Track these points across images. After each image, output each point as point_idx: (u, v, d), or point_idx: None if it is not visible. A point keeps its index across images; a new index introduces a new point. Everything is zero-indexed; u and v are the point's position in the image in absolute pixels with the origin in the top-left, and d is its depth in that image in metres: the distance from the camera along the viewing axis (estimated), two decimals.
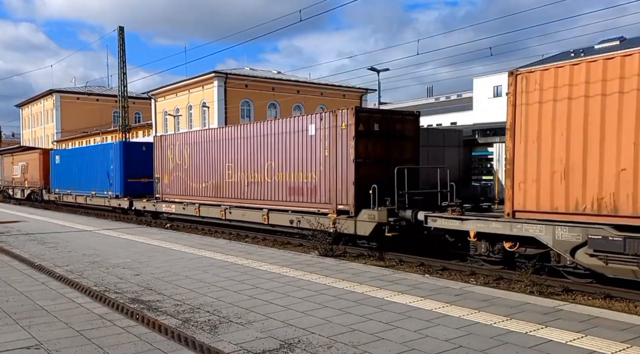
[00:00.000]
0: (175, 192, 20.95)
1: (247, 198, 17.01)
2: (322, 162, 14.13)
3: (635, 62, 8.29)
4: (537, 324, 5.72)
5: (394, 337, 5.33)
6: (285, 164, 15.42)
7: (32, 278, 8.52)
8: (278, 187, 15.73)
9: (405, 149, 14.09)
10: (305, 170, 14.71)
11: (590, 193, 8.78)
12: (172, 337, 5.35)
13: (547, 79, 9.42)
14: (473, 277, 10.56)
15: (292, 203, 15.20)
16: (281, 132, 15.67)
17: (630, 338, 5.28)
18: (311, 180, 14.50)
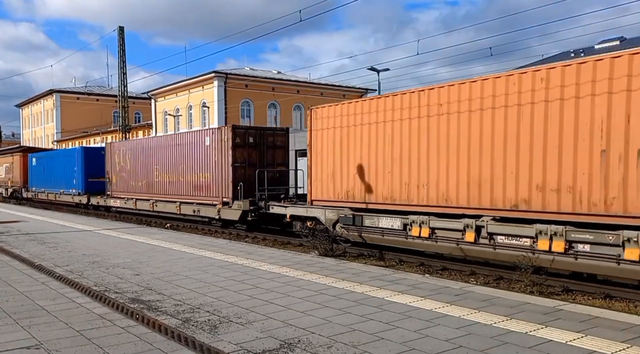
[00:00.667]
0: (120, 190, 25.17)
1: (168, 193, 21.46)
2: (213, 166, 18.55)
3: (369, 103, 13.07)
4: (537, 324, 5.72)
5: (394, 337, 5.34)
6: (191, 167, 19.85)
7: (32, 278, 8.52)
8: (186, 185, 20.19)
9: (277, 156, 18.72)
10: (203, 171, 19.15)
11: (343, 188, 13.80)
12: (172, 337, 5.35)
13: (323, 115, 14.38)
14: (473, 277, 10.57)
15: (195, 197, 19.67)
16: (189, 142, 20.09)
17: (630, 338, 5.28)
18: (206, 180, 18.95)
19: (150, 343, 5.19)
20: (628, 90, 8.35)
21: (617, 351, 4.91)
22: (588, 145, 8.86)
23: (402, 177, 12.12)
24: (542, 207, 9.48)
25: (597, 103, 8.71)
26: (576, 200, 9.02)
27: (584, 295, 9.04)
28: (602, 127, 8.69)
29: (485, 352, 4.91)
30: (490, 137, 10.28)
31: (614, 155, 8.56)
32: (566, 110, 9.11)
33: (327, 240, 12.34)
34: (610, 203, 8.59)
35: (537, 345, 5.06)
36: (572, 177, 9.07)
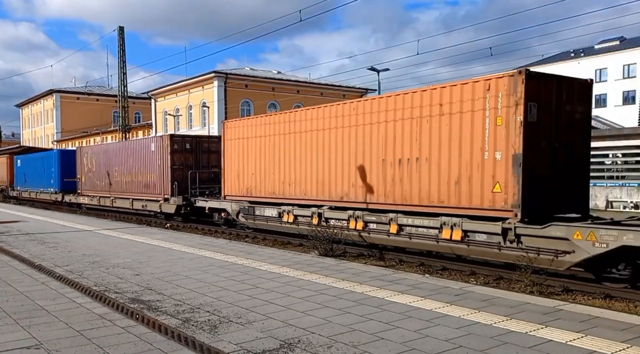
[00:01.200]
0: (88, 188, 28.58)
1: (124, 192, 24.81)
2: (157, 168, 21.99)
3: (259, 120, 17.13)
4: (537, 324, 5.72)
5: (394, 337, 5.34)
6: (140, 169, 23.26)
7: (32, 278, 8.52)
8: (137, 184, 23.52)
9: (212, 159, 21.85)
10: (150, 173, 22.54)
11: (244, 186, 17.49)
12: (172, 337, 5.35)
13: (231, 127, 18.20)
14: (473, 277, 10.57)
15: (144, 195, 23.12)
16: (139, 148, 23.69)
17: (630, 338, 5.28)
18: (152, 180, 22.38)
19: (150, 343, 5.19)
20: (394, 120, 12.41)
21: (617, 351, 4.91)
22: (376, 157, 12.85)
23: (280, 177, 16.06)
24: (355, 199, 13.52)
25: (380, 128, 12.75)
26: (372, 194, 13.06)
27: (584, 294, 9.04)
28: (384, 145, 12.66)
29: (485, 352, 4.91)
30: (328, 150, 14.31)
31: (390, 162, 12.52)
32: (365, 133, 13.16)
33: (327, 240, 12.35)
34: (387, 195, 12.62)
35: (537, 345, 5.06)
36: (370, 177, 13.06)
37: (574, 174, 10.79)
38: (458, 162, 10.99)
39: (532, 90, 9.96)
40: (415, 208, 11.93)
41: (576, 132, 10.85)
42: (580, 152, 11.01)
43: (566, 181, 10.63)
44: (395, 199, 12.38)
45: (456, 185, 11.03)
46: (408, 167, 12.08)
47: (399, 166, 12.29)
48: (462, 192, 10.94)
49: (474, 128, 10.66)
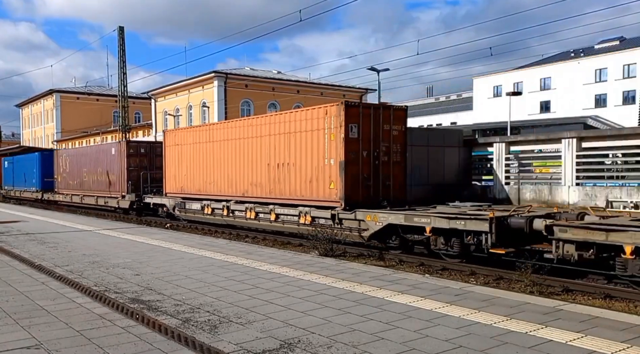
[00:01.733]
0: (63, 187, 32.03)
1: (91, 190, 28.32)
2: (117, 169, 25.61)
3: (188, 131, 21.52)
4: (537, 324, 5.72)
5: (394, 337, 5.34)
6: (104, 170, 26.74)
7: (32, 278, 8.52)
8: (101, 183, 27.08)
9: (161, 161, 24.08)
10: (111, 174, 26.20)
11: (179, 185, 20.94)
12: (172, 337, 5.35)
13: (170, 135, 21.98)
14: (473, 277, 10.57)
15: (106, 192, 26.59)
16: (103, 151, 27.45)
17: (630, 338, 5.28)
18: (113, 179, 25.88)
19: (150, 343, 5.19)
20: (275, 134, 16.11)
21: (617, 351, 4.91)
22: (265, 162, 16.56)
23: (203, 178, 19.64)
24: (252, 194, 17.23)
25: (266, 140, 16.49)
26: (262, 190, 16.75)
27: (584, 295, 9.05)
28: (269, 153, 16.36)
29: (485, 352, 4.91)
30: (234, 156, 17.98)
31: (272, 166, 16.25)
32: (257, 143, 16.88)
33: (326, 240, 12.36)
34: (271, 191, 16.34)
35: (537, 345, 5.06)
36: (261, 177, 16.78)
37: (392, 174, 14.60)
38: (311, 166, 14.75)
39: (351, 115, 13.76)
40: (287, 201, 15.74)
41: (395, 143, 14.60)
42: (398, 159, 14.74)
43: (385, 179, 14.46)
44: (275, 194, 16.24)
45: (310, 183, 14.84)
46: (283, 169, 15.83)
47: (278, 169, 16.02)
48: (313, 188, 14.74)
49: (319, 142, 14.44)
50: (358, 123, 13.86)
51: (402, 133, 14.82)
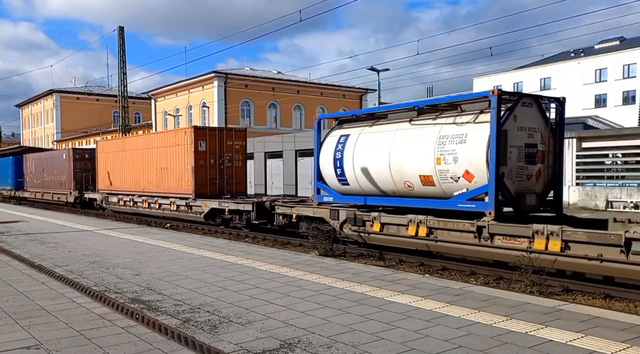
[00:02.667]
0: (30, 186, 37.75)
1: (50, 188, 33.54)
2: (66, 171, 31.03)
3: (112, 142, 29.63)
4: (537, 324, 5.72)
5: (394, 337, 5.34)
6: (58, 172, 31.80)
7: (32, 278, 8.52)
8: (56, 182, 32.00)
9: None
10: (62, 174, 31.45)
11: (106, 183, 26.99)
12: (172, 337, 5.35)
13: (100, 145, 28.77)
14: (473, 277, 10.57)
15: (60, 189, 31.83)
16: (57, 157, 32.81)
17: (630, 338, 5.28)
18: (64, 179, 31.16)
19: (150, 343, 5.19)
20: (160, 147, 22.34)
21: (617, 351, 4.91)
22: (155, 166, 22.56)
23: (120, 177, 25.73)
24: (147, 190, 23.14)
25: (155, 151, 22.49)
26: (153, 187, 22.69)
27: (584, 294, 9.05)
28: (157, 160, 22.35)
29: (485, 352, 4.91)
30: (139, 162, 23.83)
31: (158, 169, 22.28)
32: (150, 153, 22.83)
33: (327, 240, 12.36)
34: (158, 187, 22.39)
35: (537, 345, 5.06)
36: (153, 177, 22.67)
37: (235, 175, 21.14)
38: (178, 169, 21.05)
39: (200, 135, 20.32)
40: (166, 194, 22.00)
41: (237, 154, 21.13)
42: (240, 164, 21.28)
43: (229, 179, 20.88)
44: (160, 190, 22.40)
45: (178, 181, 21.09)
46: (164, 172, 21.97)
47: (161, 172, 22.15)
48: (179, 185, 20.95)
49: (182, 153, 20.71)
50: (205, 140, 20.39)
51: (243, 147, 21.40)
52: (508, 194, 10.63)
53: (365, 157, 13.25)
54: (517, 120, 10.78)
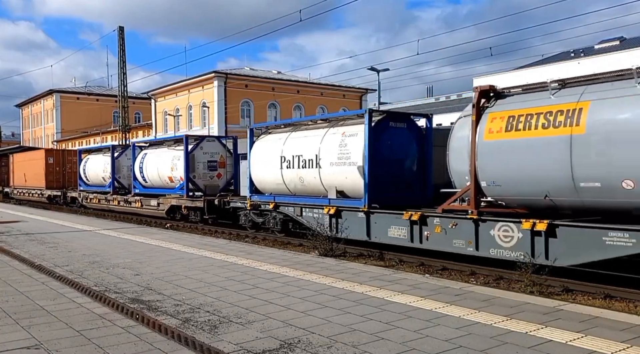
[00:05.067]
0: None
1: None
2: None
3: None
4: (537, 324, 5.72)
5: (394, 337, 5.34)
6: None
7: (32, 278, 8.52)
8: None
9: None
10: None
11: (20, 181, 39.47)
12: (172, 337, 5.35)
13: (15, 156, 41.39)
14: (473, 277, 10.56)
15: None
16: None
17: (630, 338, 5.28)
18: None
19: (150, 343, 5.19)
20: (30, 160, 37.47)
21: (617, 351, 4.91)
22: (33, 171, 35.64)
23: (24, 177, 35.41)
24: (33, 185, 35.10)
25: (31, 163, 36.12)
26: (33, 182, 35.73)
27: (584, 295, 9.04)
28: (33, 167, 35.70)
29: (485, 352, 4.91)
30: (29, 168, 36.32)
31: (30, 175, 36.66)
32: (30, 164, 36.32)
33: (327, 240, 12.35)
34: (33, 183, 35.77)
35: (537, 345, 5.06)
36: (32, 177, 35.62)
37: (72, 176, 32.58)
38: (40, 172, 32.96)
39: (49, 153, 34.15)
40: (36, 187, 33.46)
41: (74, 165, 31.22)
42: (75, 170, 30.50)
43: (69, 179, 32.40)
44: (34, 184, 33.06)
45: (39, 180, 32.59)
46: (36, 174, 32.90)
47: (34, 174, 31.98)
48: (40, 182, 32.33)
49: (40, 165, 33.07)
50: (53, 156, 33.64)
51: (77, 160, 31.27)
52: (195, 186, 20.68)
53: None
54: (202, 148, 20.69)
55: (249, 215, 17.38)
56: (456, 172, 10.91)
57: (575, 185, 8.76)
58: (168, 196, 21.77)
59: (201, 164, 20.43)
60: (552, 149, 8.93)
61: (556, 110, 9.04)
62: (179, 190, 21.02)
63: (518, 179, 9.55)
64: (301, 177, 14.86)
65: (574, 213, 9.34)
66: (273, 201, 16.07)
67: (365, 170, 12.86)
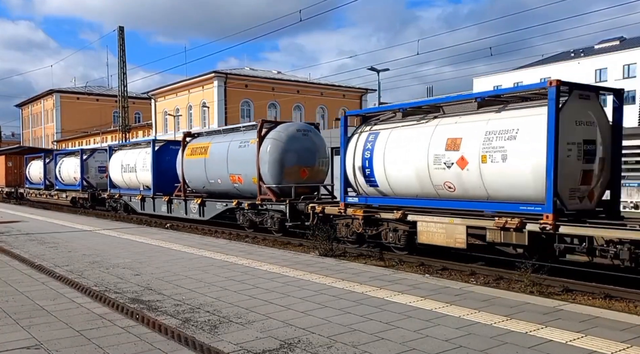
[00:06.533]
0: None
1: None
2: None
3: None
4: (537, 324, 5.72)
5: (394, 337, 5.34)
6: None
7: (32, 278, 8.52)
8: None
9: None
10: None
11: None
12: (172, 337, 5.35)
13: None
14: (473, 277, 10.56)
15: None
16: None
17: (630, 338, 5.28)
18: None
19: (150, 343, 5.19)
20: None
21: (617, 351, 4.91)
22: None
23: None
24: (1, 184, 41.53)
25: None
26: None
27: (584, 295, 9.04)
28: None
29: (485, 352, 4.91)
30: None
31: None
32: None
33: (327, 240, 12.34)
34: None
35: (537, 345, 5.06)
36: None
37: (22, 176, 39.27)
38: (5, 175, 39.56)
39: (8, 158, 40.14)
40: None
41: None
42: None
43: (23, 178, 38.62)
44: None
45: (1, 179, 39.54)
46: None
47: None
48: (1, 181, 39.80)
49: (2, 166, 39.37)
50: (12, 161, 39.25)
51: None
52: None
53: None
54: None
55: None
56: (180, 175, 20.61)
57: (207, 181, 18.71)
58: (72, 191, 29.99)
59: (93, 169, 28.67)
60: (199, 165, 18.86)
61: (203, 146, 18.99)
62: (78, 186, 29.05)
63: (196, 179, 19.41)
64: None
65: (209, 195, 19.17)
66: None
67: None
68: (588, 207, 9.75)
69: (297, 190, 15.72)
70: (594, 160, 9.62)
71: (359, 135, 12.94)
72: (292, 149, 15.97)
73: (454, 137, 10.58)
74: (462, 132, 10.46)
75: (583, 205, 9.61)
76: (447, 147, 10.64)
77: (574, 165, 9.24)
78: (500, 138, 9.74)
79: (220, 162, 17.70)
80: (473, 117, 10.53)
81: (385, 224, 12.29)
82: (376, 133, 12.48)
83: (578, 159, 9.30)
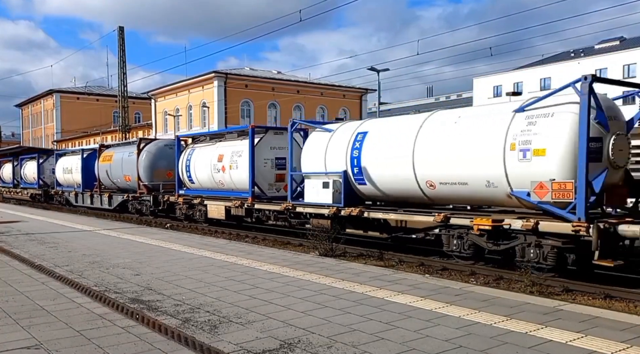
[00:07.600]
0: None
1: None
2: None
3: None
4: (537, 324, 5.72)
5: (394, 337, 5.34)
6: None
7: (32, 278, 8.53)
8: None
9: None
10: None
11: None
12: (172, 337, 5.35)
13: None
14: (473, 277, 10.56)
15: None
16: None
17: (630, 338, 5.28)
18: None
19: (150, 343, 5.19)
20: None
21: (617, 351, 4.91)
22: None
23: None
24: None
25: None
26: None
27: (584, 295, 9.04)
28: None
29: (485, 352, 4.91)
30: None
31: None
32: None
33: (327, 240, 12.34)
34: None
35: (537, 345, 5.06)
36: None
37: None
38: None
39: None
40: None
41: None
42: None
43: None
44: None
45: None
46: None
47: None
48: None
49: None
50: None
51: None
52: None
53: None
54: None
55: None
56: None
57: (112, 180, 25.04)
58: (31, 188, 36.01)
59: (48, 170, 33.76)
60: (107, 168, 25.03)
61: (109, 155, 24.51)
62: (35, 185, 34.80)
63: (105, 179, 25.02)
64: None
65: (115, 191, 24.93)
66: None
67: None
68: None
69: (165, 186, 22.12)
70: None
71: (185, 150, 20.34)
72: (161, 158, 22.79)
73: (221, 153, 18.05)
74: (224, 151, 17.93)
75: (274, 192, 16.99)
76: (218, 159, 18.10)
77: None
78: (235, 155, 17.25)
79: (118, 167, 24.62)
80: (230, 142, 18.16)
81: (196, 206, 19.41)
82: (193, 149, 19.92)
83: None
